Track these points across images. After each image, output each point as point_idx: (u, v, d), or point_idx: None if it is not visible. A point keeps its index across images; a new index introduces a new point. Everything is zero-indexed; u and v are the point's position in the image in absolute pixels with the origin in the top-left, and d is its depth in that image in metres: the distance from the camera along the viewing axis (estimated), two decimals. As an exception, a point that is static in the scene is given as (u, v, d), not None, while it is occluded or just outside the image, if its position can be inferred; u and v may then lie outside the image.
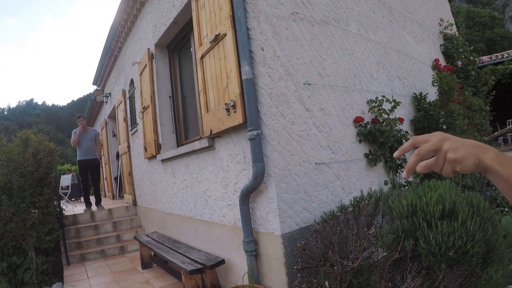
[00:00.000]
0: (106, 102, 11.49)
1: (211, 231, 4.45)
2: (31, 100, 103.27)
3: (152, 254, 5.65)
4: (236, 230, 3.83)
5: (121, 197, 11.08)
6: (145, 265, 5.69)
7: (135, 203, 8.27)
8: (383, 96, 4.60)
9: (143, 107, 6.55)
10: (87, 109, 14.41)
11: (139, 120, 7.16)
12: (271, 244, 3.31)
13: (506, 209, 4.62)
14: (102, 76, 10.99)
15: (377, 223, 3.07)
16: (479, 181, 5.41)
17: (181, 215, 5.36)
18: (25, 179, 5.68)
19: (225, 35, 3.62)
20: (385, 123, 4.42)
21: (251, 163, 3.32)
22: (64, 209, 7.39)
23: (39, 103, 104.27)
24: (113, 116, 11.31)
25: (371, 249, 2.97)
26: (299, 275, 2.98)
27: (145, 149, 6.62)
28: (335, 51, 4.21)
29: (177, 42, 5.83)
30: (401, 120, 4.63)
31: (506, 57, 12.04)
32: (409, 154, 4.96)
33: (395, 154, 0.90)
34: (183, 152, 4.91)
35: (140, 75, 6.64)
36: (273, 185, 3.23)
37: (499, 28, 35.60)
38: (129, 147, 8.46)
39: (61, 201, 7.50)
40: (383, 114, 4.50)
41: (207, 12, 4.02)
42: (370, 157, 4.27)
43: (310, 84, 3.74)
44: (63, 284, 5.53)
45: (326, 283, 2.75)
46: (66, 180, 12.10)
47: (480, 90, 7.43)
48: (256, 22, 3.38)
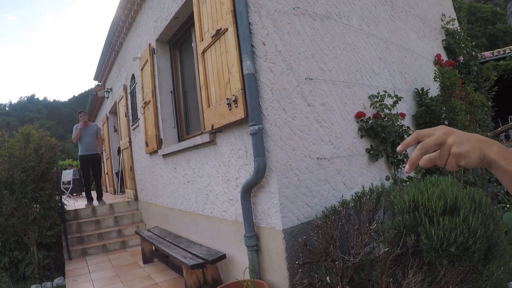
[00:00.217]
0: (107, 98, 11.49)
1: (212, 226, 4.46)
2: (33, 95, 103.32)
3: (154, 248, 5.67)
4: (238, 225, 3.83)
5: (122, 192, 11.10)
6: (146, 260, 5.71)
7: (136, 198, 8.28)
8: (385, 91, 4.59)
9: (145, 102, 6.54)
10: (88, 104, 14.42)
11: (140, 115, 7.15)
12: (273, 239, 3.31)
13: (508, 205, 4.62)
14: (103, 71, 10.98)
15: (378, 219, 3.06)
16: (480, 177, 5.41)
17: (183, 210, 5.37)
18: (26, 174, 5.69)
19: (226, 29, 3.61)
20: (386, 118, 4.41)
21: (252, 158, 3.31)
22: (66, 204, 7.41)
23: (41, 98, 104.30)
24: (114, 111, 11.30)
25: (372, 245, 2.97)
26: (300, 270, 2.98)
27: (147, 144, 6.62)
28: (337, 46, 4.20)
29: (178, 37, 5.81)
30: (402, 115, 4.62)
31: (508, 52, 11.98)
32: (411, 149, 4.95)
33: (398, 148, 0.89)
34: (184, 147, 4.90)
35: (141, 70, 6.63)
36: (274, 180, 3.23)
37: (501, 24, 35.45)
38: (130, 142, 8.46)
39: (62, 196, 7.52)
40: (384, 109, 4.49)
41: (208, 7, 4.00)
42: (371, 152, 4.27)
43: (311, 79, 3.73)
44: (64, 278, 5.55)
45: (328, 278, 2.75)
46: (67, 175, 12.12)
47: (482, 85, 7.41)
48: (258, 17, 3.37)
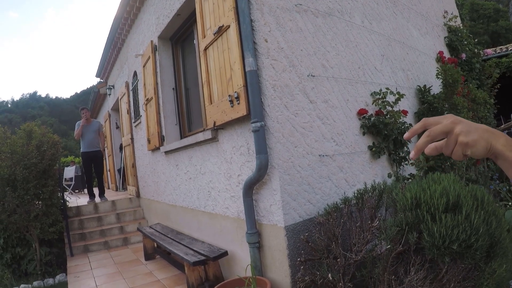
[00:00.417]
0: (109, 95, 11.50)
1: (214, 223, 4.46)
2: (35, 92, 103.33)
3: (155, 245, 5.68)
4: (239, 222, 3.84)
5: (124, 189, 11.11)
6: (148, 257, 5.72)
7: (138, 195, 8.29)
8: (387, 89, 4.58)
9: (147, 99, 6.54)
10: (90, 101, 14.42)
11: (142, 112, 7.15)
12: (274, 236, 3.31)
13: (510, 203, 4.61)
14: (105, 68, 10.98)
15: (380, 216, 3.06)
16: (483, 174, 5.41)
17: (184, 207, 5.37)
18: (29, 171, 5.70)
19: (228, 26, 3.60)
20: (389, 116, 4.40)
21: (254, 155, 3.31)
22: (68, 201, 7.42)
23: (43, 95, 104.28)
24: (116, 108, 11.31)
25: (374, 242, 2.97)
26: (302, 267, 2.98)
27: (149, 141, 6.63)
28: (339, 43, 4.19)
29: (181, 34, 5.80)
30: (405, 113, 4.60)
31: (510, 50, 11.91)
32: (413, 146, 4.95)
33: (406, 135, 0.90)
34: (186, 144, 4.90)
35: (143, 67, 6.63)
36: (276, 177, 3.23)
37: (504, 21, 35.29)
38: (132, 139, 8.46)
39: (64, 192, 7.54)
40: (387, 107, 4.48)
41: (211, 4, 4.00)
42: (373, 149, 4.26)
43: (314, 76, 3.73)
44: (66, 275, 5.57)
45: (329, 275, 2.75)
46: (69, 172, 12.15)
47: (484, 83, 7.38)
48: (260, 14, 3.36)
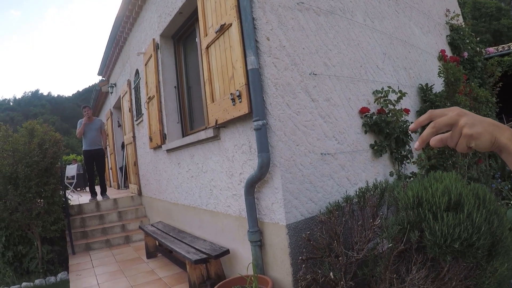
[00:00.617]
0: (111, 93, 11.51)
1: (216, 221, 4.47)
2: (37, 90, 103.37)
3: (157, 243, 5.69)
4: (241, 220, 3.84)
5: (126, 187, 11.14)
6: (150, 255, 5.73)
7: (140, 193, 8.31)
8: (389, 87, 4.57)
9: (149, 97, 6.55)
10: (92, 99, 14.43)
11: (144, 110, 7.16)
12: (276, 234, 3.31)
13: (512, 201, 4.61)
14: (108, 66, 10.99)
15: (382, 214, 3.06)
16: (485, 173, 5.40)
17: (186, 205, 5.38)
18: (30, 169, 5.71)
19: (230, 25, 3.60)
20: (391, 114, 4.40)
21: (256, 153, 3.32)
22: (70, 199, 7.44)
23: (45, 93, 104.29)
24: (118, 107, 11.32)
25: (376, 240, 2.97)
26: (303, 265, 2.98)
27: (150, 139, 6.63)
28: (341, 41, 4.18)
29: (183, 32, 5.80)
30: (407, 111, 4.60)
31: (513, 48, 11.89)
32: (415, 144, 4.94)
33: (411, 126, 0.90)
34: (188, 142, 4.91)
35: (145, 65, 6.64)
36: (278, 175, 3.23)
37: (506, 19, 35.18)
38: (134, 137, 8.48)
39: (66, 191, 7.55)
40: (389, 105, 4.48)
41: (213, 2, 4.00)
42: (375, 148, 4.26)
43: (315, 74, 3.73)
44: (68, 273, 5.59)
45: (331, 273, 2.75)
46: (71, 170, 12.17)
47: (486, 81, 7.37)
48: (262, 12, 3.36)
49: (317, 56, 3.80)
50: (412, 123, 3.44)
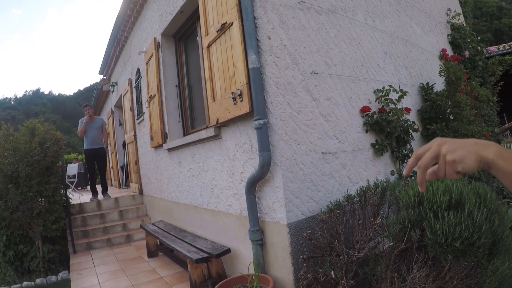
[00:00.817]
0: (112, 92, 11.51)
1: (217, 220, 4.47)
2: (38, 89, 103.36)
3: (158, 243, 5.69)
4: (242, 219, 3.84)
5: (127, 186, 11.14)
6: (151, 254, 5.74)
7: (141, 192, 8.31)
8: (390, 86, 4.57)
9: (150, 96, 6.55)
10: (93, 98, 14.43)
11: (145, 109, 7.16)
12: (277, 233, 3.32)
13: (513, 200, 4.60)
14: (109, 65, 10.99)
15: (383, 213, 3.06)
16: (485, 172, 5.39)
17: (187, 204, 5.38)
18: (32, 168, 5.72)
19: (231, 24, 3.60)
20: (392, 113, 4.39)
21: (257, 152, 3.32)
22: (71, 198, 7.46)
23: (46, 92, 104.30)
24: (119, 105, 11.33)
25: (377, 239, 2.97)
26: (305, 264, 2.98)
27: (152, 138, 6.64)
28: (342, 40, 4.18)
29: (184, 31, 5.81)
30: (408, 110, 4.60)
31: (514, 47, 11.88)
32: (415, 146, 4.94)
33: (404, 172, 0.93)
34: (189, 141, 4.91)
35: (147, 64, 6.64)
36: (279, 174, 3.23)
37: (507, 19, 35.16)
38: (135, 136, 8.48)
39: (67, 189, 7.56)
40: (390, 104, 4.48)
41: (214, 1, 4.00)
42: (376, 147, 4.26)
43: (317, 73, 3.73)
44: (69, 272, 5.59)
45: (332, 272, 2.76)
46: (72, 169, 12.18)
47: (487, 80, 7.36)
48: (263, 11, 3.36)
49: (318, 55, 3.80)
50: (413, 122, 3.46)
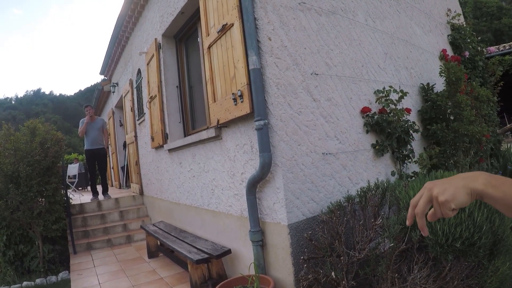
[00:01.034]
0: (113, 92, 11.52)
1: (217, 221, 4.47)
2: (39, 89, 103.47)
3: (159, 243, 5.70)
4: (243, 220, 3.85)
5: (128, 186, 11.14)
6: (151, 255, 5.74)
7: (141, 193, 8.32)
8: (390, 87, 4.57)
9: (150, 97, 6.56)
10: (94, 98, 14.44)
11: (146, 110, 7.17)
12: (278, 234, 3.32)
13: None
14: (110, 66, 11.00)
15: (384, 214, 3.07)
16: (487, 172, 5.38)
17: (188, 205, 5.39)
18: (32, 168, 5.72)
19: (232, 25, 3.60)
20: (392, 114, 4.40)
21: (258, 153, 3.32)
22: (71, 198, 7.46)
23: (47, 92, 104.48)
24: (120, 106, 11.34)
25: (377, 240, 2.98)
26: (305, 265, 2.99)
27: (152, 138, 6.64)
28: (342, 41, 4.19)
29: (184, 32, 5.81)
30: (408, 111, 4.60)
31: (514, 47, 11.89)
32: (417, 146, 4.94)
33: (407, 223, 0.94)
34: (190, 142, 4.91)
35: (147, 65, 6.64)
36: (280, 175, 3.24)
37: (507, 19, 35.18)
38: (136, 136, 8.48)
39: (68, 190, 7.56)
40: (390, 105, 4.48)
41: (214, 2, 4.00)
42: (377, 147, 4.26)
43: (317, 74, 3.73)
44: (69, 272, 5.59)
45: (333, 273, 2.76)
46: (73, 169, 12.17)
47: (487, 80, 7.36)
48: (264, 12, 3.37)
49: (318, 56, 3.80)
50: (413, 122, 3.47)
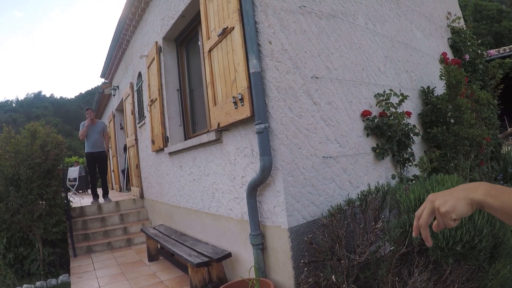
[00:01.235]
0: (114, 95, 11.53)
1: (218, 224, 4.47)
2: (39, 92, 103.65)
3: (159, 246, 5.69)
4: (243, 223, 3.84)
5: (128, 189, 11.14)
6: (151, 258, 5.73)
7: (142, 196, 8.31)
8: (391, 90, 4.58)
9: (151, 100, 6.56)
10: (95, 102, 14.46)
11: (146, 113, 7.17)
12: (278, 237, 3.32)
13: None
14: (110, 69, 11.01)
15: (384, 217, 3.06)
16: (487, 175, 5.40)
17: (188, 208, 5.39)
18: (32, 170, 5.72)
19: (233, 28, 3.61)
20: (392, 117, 4.40)
21: (258, 157, 3.32)
22: (72, 201, 7.45)
23: (47, 95, 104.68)
24: (121, 109, 11.34)
25: (378, 243, 2.97)
26: (305, 268, 2.98)
27: (153, 142, 6.64)
28: (343, 44, 4.19)
29: (185, 36, 5.82)
30: (408, 114, 4.61)
31: (514, 50, 11.90)
32: (417, 148, 4.94)
33: (413, 234, 0.96)
34: (190, 145, 4.92)
35: (148, 68, 6.65)
36: (280, 178, 3.24)
37: (507, 22, 35.19)
38: (136, 140, 8.49)
39: (68, 193, 7.56)
40: (390, 108, 4.48)
41: (215, 6, 4.01)
42: (377, 151, 4.26)
43: (317, 78, 3.73)
44: (69, 275, 5.59)
45: (333, 277, 2.76)
46: (73, 172, 12.19)
47: (488, 83, 7.37)
48: (264, 16, 3.37)
49: (319, 59, 3.81)
50: (414, 126, 3.47)
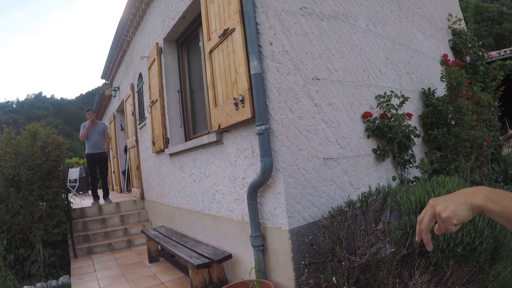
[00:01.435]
0: (114, 96, 11.54)
1: (218, 226, 4.47)
2: (40, 93, 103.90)
3: (159, 248, 5.69)
4: (244, 224, 3.84)
5: (128, 190, 11.14)
6: (152, 259, 5.73)
7: (142, 197, 8.31)
8: (392, 91, 4.58)
9: (152, 101, 6.57)
10: (95, 102, 14.47)
11: (147, 114, 7.18)
12: (279, 239, 3.32)
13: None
14: (111, 70, 11.02)
15: (385, 219, 3.06)
16: (487, 177, 5.39)
17: (189, 209, 5.38)
18: (33, 172, 5.72)
19: (234, 29, 3.61)
20: (393, 119, 4.40)
21: (259, 158, 3.32)
22: (72, 202, 7.45)
23: (48, 96, 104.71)
24: (121, 110, 11.35)
25: (379, 245, 2.97)
26: (306, 270, 2.98)
27: (153, 143, 6.64)
28: (344, 46, 4.19)
29: (186, 37, 5.83)
30: (409, 116, 4.61)
31: (515, 52, 11.89)
32: (418, 150, 4.94)
33: (416, 239, 0.97)
34: (191, 147, 4.92)
35: (149, 69, 6.66)
36: (281, 180, 3.24)
37: (508, 23, 35.15)
38: (137, 141, 8.49)
39: (69, 194, 7.56)
40: (391, 110, 4.48)
41: (216, 7, 4.01)
42: (378, 152, 4.26)
43: (318, 79, 3.73)
44: (70, 277, 5.59)
45: (334, 278, 2.75)
46: (74, 173, 12.20)
47: (488, 85, 7.37)
48: (265, 17, 3.37)
49: (320, 61, 3.81)
50: (414, 127, 3.47)
